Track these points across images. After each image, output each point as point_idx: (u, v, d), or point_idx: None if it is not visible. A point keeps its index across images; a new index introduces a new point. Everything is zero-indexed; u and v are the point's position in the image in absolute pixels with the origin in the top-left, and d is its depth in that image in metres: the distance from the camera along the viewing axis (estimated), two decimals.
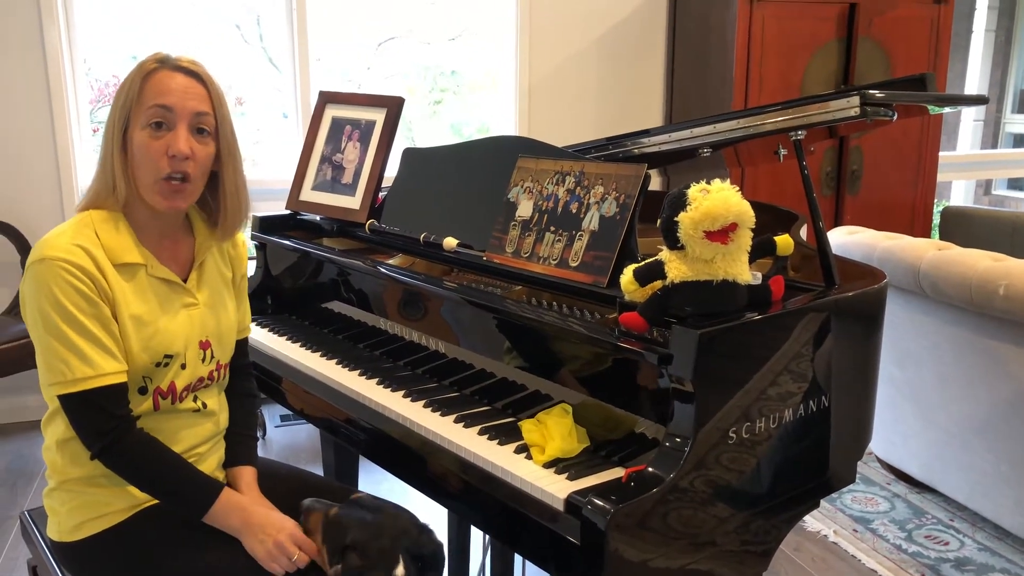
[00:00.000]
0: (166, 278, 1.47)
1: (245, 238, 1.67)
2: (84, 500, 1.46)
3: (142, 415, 1.45)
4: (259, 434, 3.49)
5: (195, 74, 1.43)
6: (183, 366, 1.48)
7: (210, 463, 1.56)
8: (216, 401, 1.58)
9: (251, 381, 1.73)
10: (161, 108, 1.39)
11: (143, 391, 1.45)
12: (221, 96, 1.47)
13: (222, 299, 1.58)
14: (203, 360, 1.52)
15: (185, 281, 1.51)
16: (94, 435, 1.38)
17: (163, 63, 1.42)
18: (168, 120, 1.40)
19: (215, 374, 1.56)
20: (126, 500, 1.46)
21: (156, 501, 1.46)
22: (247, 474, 1.59)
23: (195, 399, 1.52)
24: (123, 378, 1.39)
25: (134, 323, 1.41)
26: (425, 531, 1.43)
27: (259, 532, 1.41)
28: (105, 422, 1.37)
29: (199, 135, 1.43)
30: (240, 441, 1.63)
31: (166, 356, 1.45)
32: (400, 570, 1.34)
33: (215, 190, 1.51)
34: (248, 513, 1.43)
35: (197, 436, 1.53)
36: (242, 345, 1.69)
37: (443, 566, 1.44)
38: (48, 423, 1.49)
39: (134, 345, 1.41)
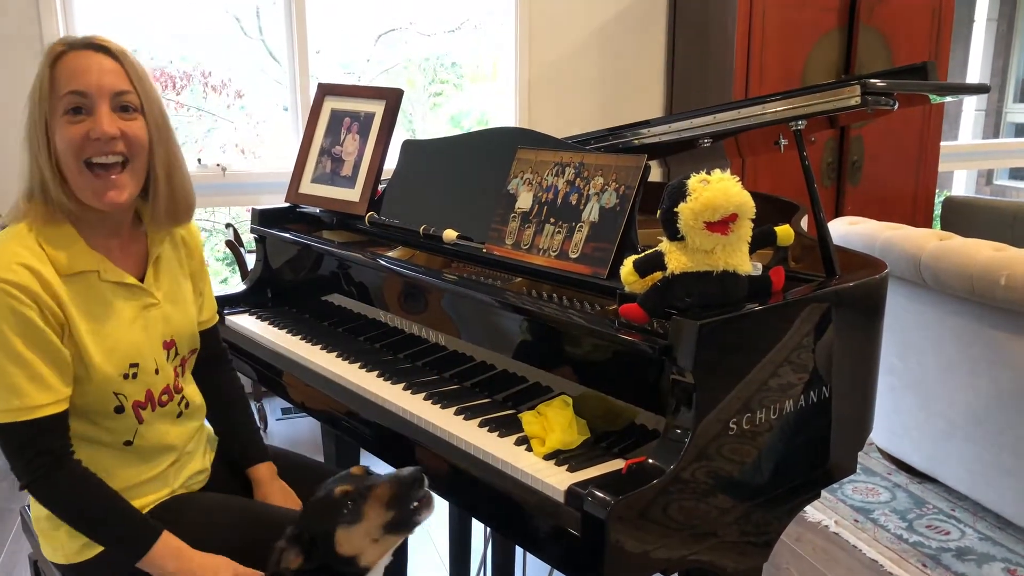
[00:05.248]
0: (120, 281, 1.39)
1: (195, 222, 1.59)
2: None
3: (135, 432, 1.41)
4: (261, 428, 3.51)
5: (107, 50, 1.32)
6: (156, 371, 1.43)
7: (196, 461, 1.55)
8: (192, 389, 1.56)
9: (232, 371, 1.72)
10: (76, 95, 1.29)
11: (119, 410, 1.38)
12: (141, 72, 1.35)
13: (181, 291, 1.52)
14: (168, 359, 1.47)
15: (142, 280, 1.44)
16: (21, 469, 1.29)
17: (70, 45, 1.31)
18: (86, 105, 1.30)
19: (179, 369, 1.51)
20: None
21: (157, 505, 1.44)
22: (266, 469, 1.63)
23: (179, 402, 1.49)
24: (58, 409, 1.29)
25: (93, 337, 1.34)
26: (309, 544, 1.29)
27: None
28: (33, 457, 1.28)
29: (123, 113, 1.32)
30: (250, 440, 1.66)
31: (131, 365, 1.39)
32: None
33: (148, 174, 1.40)
34: (184, 559, 1.35)
35: (185, 435, 1.52)
36: (214, 332, 1.66)
37: None
38: None
39: (96, 358, 1.34)
